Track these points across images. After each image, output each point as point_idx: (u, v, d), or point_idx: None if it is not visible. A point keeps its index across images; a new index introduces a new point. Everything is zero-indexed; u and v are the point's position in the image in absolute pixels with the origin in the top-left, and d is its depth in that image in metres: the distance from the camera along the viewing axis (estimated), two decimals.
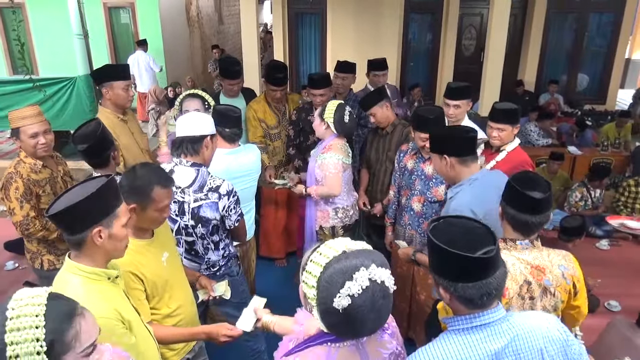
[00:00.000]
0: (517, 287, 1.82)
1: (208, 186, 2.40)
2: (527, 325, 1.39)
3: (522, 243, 1.88)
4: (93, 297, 1.55)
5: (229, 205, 2.42)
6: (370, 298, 1.18)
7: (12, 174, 2.75)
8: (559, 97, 8.66)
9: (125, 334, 1.61)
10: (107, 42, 9.68)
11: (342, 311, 1.18)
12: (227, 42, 13.66)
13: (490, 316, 1.37)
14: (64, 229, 1.55)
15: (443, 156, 2.35)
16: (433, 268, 1.42)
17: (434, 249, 1.36)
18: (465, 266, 1.32)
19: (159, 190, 1.92)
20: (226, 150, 2.89)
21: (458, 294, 1.35)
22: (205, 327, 2.12)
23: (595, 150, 6.63)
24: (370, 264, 1.19)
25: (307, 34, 8.81)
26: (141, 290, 1.93)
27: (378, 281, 1.19)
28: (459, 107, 3.31)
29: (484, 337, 1.36)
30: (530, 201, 1.81)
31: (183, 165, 2.41)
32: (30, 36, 9.53)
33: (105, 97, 3.13)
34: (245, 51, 6.45)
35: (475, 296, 1.34)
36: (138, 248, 1.96)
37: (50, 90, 6.28)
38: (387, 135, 3.55)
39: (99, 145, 2.55)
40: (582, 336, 2.57)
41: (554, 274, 1.87)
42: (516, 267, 1.83)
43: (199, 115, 2.47)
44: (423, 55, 9.23)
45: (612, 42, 8.98)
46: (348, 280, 1.17)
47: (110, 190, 1.57)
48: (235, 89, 4.14)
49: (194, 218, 2.42)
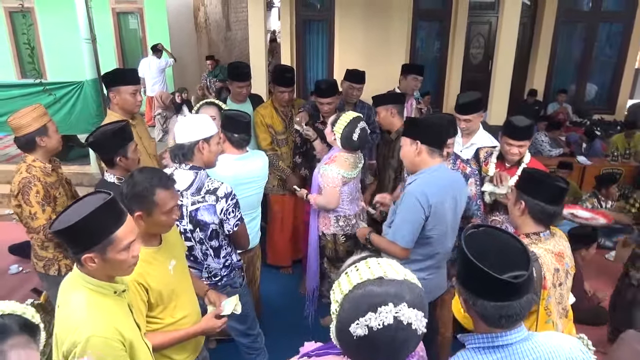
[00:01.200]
0: (552, 276, 1.90)
1: (205, 189, 2.37)
2: (549, 346, 1.35)
3: (544, 235, 1.98)
4: (95, 314, 1.51)
5: (227, 209, 2.38)
6: (389, 336, 1.09)
7: (29, 179, 2.72)
8: (567, 107, 8.61)
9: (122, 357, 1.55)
10: (115, 47, 9.72)
11: (356, 338, 1.11)
12: (234, 49, 13.70)
13: (513, 337, 1.33)
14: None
15: (415, 141, 2.44)
16: (458, 276, 1.38)
17: (463, 257, 1.32)
18: (489, 285, 1.27)
19: (161, 192, 1.87)
20: (235, 156, 2.86)
21: (477, 310, 1.32)
22: (199, 325, 2.08)
23: (604, 161, 6.57)
24: (402, 302, 1.09)
25: (314, 41, 8.81)
26: (143, 302, 1.89)
27: (404, 322, 1.09)
28: (470, 121, 3.27)
29: (506, 357, 1.31)
30: (558, 191, 1.95)
31: (182, 168, 2.39)
32: (39, 40, 9.58)
33: (112, 101, 3.11)
34: (253, 57, 6.45)
35: (494, 316, 1.30)
36: (144, 256, 1.90)
37: (58, 94, 6.28)
38: (392, 143, 3.52)
39: (103, 143, 2.52)
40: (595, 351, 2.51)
41: (568, 255, 2.02)
42: (547, 257, 1.90)
43: (191, 121, 2.42)
44: (431, 64, 9.20)
45: (621, 52, 8.92)
46: (372, 311, 1.09)
47: (103, 214, 1.46)
48: (244, 92, 4.11)
49: (192, 222, 2.38)
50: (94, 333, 1.46)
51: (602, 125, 8.36)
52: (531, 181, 1.99)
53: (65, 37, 8.77)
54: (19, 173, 2.78)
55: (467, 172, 2.88)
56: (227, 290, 2.59)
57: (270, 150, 4.02)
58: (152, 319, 1.96)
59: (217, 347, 3.39)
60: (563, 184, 1.98)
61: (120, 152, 2.53)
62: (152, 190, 1.85)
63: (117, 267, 1.55)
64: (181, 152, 2.36)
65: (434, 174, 2.43)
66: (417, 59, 8.83)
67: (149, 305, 1.93)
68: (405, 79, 4.64)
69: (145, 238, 1.93)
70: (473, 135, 3.38)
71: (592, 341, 2.60)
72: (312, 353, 1.31)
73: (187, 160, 2.38)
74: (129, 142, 2.58)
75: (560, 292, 1.98)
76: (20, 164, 2.83)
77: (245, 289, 2.76)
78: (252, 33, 6.27)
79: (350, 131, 3.06)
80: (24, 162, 2.82)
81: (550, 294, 1.91)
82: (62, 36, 8.99)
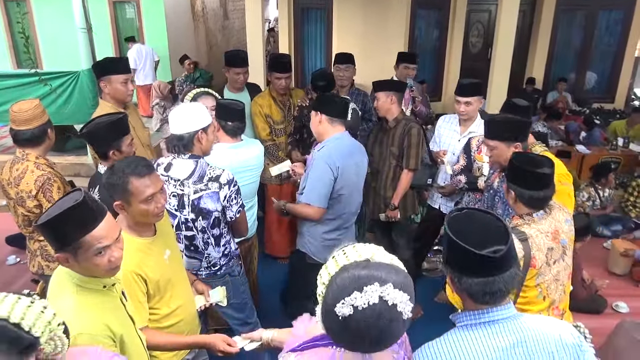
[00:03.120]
0: (544, 256, 2.00)
1: (208, 176, 2.36)
2: (539, 328, 1.37)
3: (537, 215, 2.06)
4: (82, 311, 1.49)
5: (230, 195, 2.38)
6: (374, 316, 1.09)
7: (47, 175, 2.66)
8: (567, 95, 8.57)
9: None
10: (111, 37, 9.65)
11: (341, 319, 1.11)
12: (232, 38, 13.61)
13: (499, 313, 1.36)
14: None
15: (317, 113, 2.80)
16: (444, 257, 1.44)
17: (447, 238, 1.37)
18: (471, 262, 1.32)
19: (135, 181, 1.82)
20: (229, 144, 2.84)
21: (462, 287, 1.36)
22: (203, 337, 2.06)
23: (603, 149, 6.55)
24: (388, 282, 1.10)
25: (312, 30, 8.74)
26: (143, 292, 1.88)
27: (389, 302, 1.10)
28: (470, 104, 3.26)
29: (492, 333, 1.35)
30: (543, 177, 2.01)
31: (181, 158, 2.37)
32: (35, 30, 9.49)
33: (104, 91, 3.07)
34: (250, 46, 6.39)
35: (479, 293, 1.34)
36: (140, 247, 1.91)
37: (54, 84, 6.24)
38: (390, 130, 3.51)
39: (96, 136, 2.44)
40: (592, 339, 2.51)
41: (565, 231, 2.08)
42: (539, 238, 2.00)
43: (188, 110, 2.38)
44: (430, 52, 9.14)
45: (621, 40, 8.87)
46: (357, 290, 1.09)
47: (70, 217, 1.39)
48: (241, 78, 4.05)
49: (194, 211, 2.37)
50: (81, 331, 1.43)
51: (602, 114, 8.34)
52: (516, 171, 2.09)
53: (61, 26, 8.70)
54: (29, 172, 2.66)
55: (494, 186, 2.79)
56: (226, 279, 2.58)
57: (270, 141, 3.99)
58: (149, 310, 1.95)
59: None
60: (547, 169, 2.03)
61: (114, 146, 2.43)
62: (126, 178, 1.81)
63: (92, 270, 1.50)
64: (181, 143, 2.34)
65: (337, 142, 2.77)
66: (416, 47, 8.77)
67: (147, 297, 1.92)
68: (398, 68, 4.63)
69: (137, 229, 1.91)
70: (471, 123, 3.36)
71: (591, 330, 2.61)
72: (299, 347, 1.30)
73: (187, 151, 2.36)
74: (124, 135, 2.48)
75: (557, 269, 2.07)
76: (23, 162, 2.69)
77: (243, 278, 2.75)
78: (249, 21, 6.21)
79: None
80: (26, 160, 2.69)
81: (543, 272, 2.02)
82: (57, 25, 8.92)
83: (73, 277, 1.51)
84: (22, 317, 1.11)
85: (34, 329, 1.12)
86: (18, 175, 2.69)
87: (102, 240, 1.46)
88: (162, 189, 1.92)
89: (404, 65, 4.62)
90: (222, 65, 4.15)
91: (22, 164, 2.70)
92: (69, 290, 1.51)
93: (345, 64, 4.23)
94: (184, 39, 10.33)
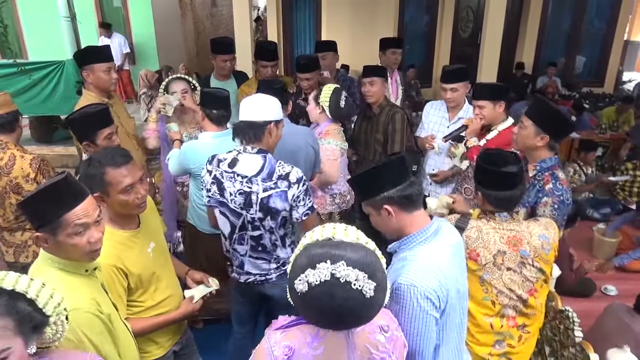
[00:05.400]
0: (491, 255, 1.95)
1: (277, 173, 2.19)
2: (450, 233, 1.70)
3: (500, 215, 2.01)
4: (69, 288, 1.47)
5: (298, 195, 2.20)
6: (327, 293, 1.14)
7: (40, 157, 2.78)
8: (557, 80, 8.58)
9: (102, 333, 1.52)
10: (97, 26, 9.49)
11: (300, 295, 1.18)
12: (220, 25, 13.46)
13: (430, 228, 1.61)
14: None
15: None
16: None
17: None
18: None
19: (111, 171, 1.78)
20: (213, 132, 2.79)
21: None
22: (179, 311, 2.06)
23: (592, 133, 6.58)
24: (341, 260, 1.14)
25: (301, 18, 8.67)
26: (123, 287, 1.84)
27: (342, 279, 1.13)
28: (456, 90, 3.24)
29: (436, 242, 1.60)
30: (508, 176, 1.94)
31: (248, 152, 2.21)
32: (19, 20, 9.33)
33: (87, 80, 3.02)
34: (238, 33, 6.32)
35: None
36: (122, 239, 1.87)
37: (39, 74, 6.14)
38: (374, 117, 3.50)
39: (77, 127, 2.47)
40: (580, 323, 2.53)
41: (532, 244, 1.97)
42: (490, 235, 1.95)
43: (263, 99, 2.24)
44: (420, 38, 9.10)
45: (611, 23, 8.87)
46: (310, 267, 1.16)
47: (50, 194, 1.41)
48: (228, 65, 4.00)
49: (262, 210, 2.21)
50: (74, 307, 1.41)
51: (591, 98, 8.36)
52: (481, 172, 2.03)
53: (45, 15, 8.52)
54: (18, 158, 2.71)
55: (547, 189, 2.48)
56: None
57: None
58: (132, 303, 1.93)
59: (204, 328, 3.39)
60: (513, 167, 1.94)
61: (88, 138, 2.45)
62: (102, 169, 1.78)
63: (71, 251, 1.49)
64: (252, 130, 2.18)
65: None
66: (406, 33, 8.73)
67: (129, 290, 1.89)
68: (385, 54, 4.54)
69: (120, 221, 1.88)
70: (459, 109, 3.35)
71: (580, 312, 2.63)
72: (284, 325, 1.32)
73: (256, 140, 2.20)
74: (100, 129, 2.45)
75: (511, 278, 1.98)
76: (5, 151, 2.72)
77: None
78: (237, 8, 6.13)
79: (337, 99, 3.04)
80: (7, 149, 2.73)
81: (489, 271, 1.96)
82: (42, 15, 8.74)
83: (54, 262, 1.50)
84: (37, 295, 1.17)
85: (46, 308, 1.18)
86: (5, 163, 2.71)
87: (82, 217, 1.46)
88: (141, 179, 1.88)
89: (392, 51, 4.53)
90: (209, 53, 4.10)
91: (5, 153, 2.72)
92: (52, 273, 1.50)
93: (322, 51, 4.24)
94: (172, 27, 10.20)
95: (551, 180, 2.32)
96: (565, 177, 2.38)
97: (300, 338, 1.26)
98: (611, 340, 2.54)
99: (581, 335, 2.51)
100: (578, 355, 2.47)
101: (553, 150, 2.38)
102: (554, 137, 2.35)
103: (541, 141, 2.31)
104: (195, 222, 3.04)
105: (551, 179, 2.33)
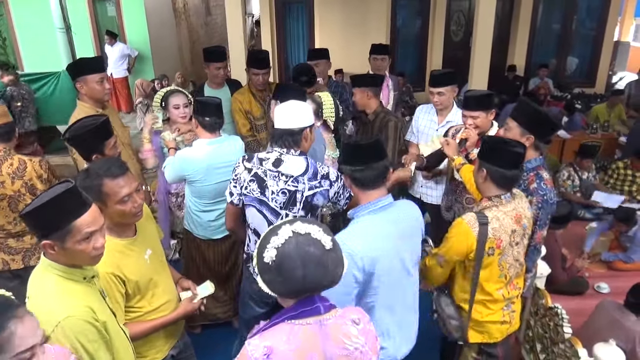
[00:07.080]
0: (508, 237, 2.12)
1: (320, 173, 2.34)
2: (406, 209, 2.02)
3: (505, 197, 2.14)
4: (66, 297, 1.51)
5: (337, 190, 2.39)
6: (294, 246, 1.29)
7: (44, 160, 2.99)
8: (548, 81, 8.65)
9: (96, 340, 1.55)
10: (92, 36, 9.54)
11: (272, 263, 1.29)
12: (214, 34, 13.51)
13: (384, 201, 1.92)
14: None
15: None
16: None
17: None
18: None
19: (108, 182, 1.82)
20: (207, 140, 2.84)
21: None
22: (177, 311, 2.10)
23: (584, 133, 6.64)
24: (296, 222, 1.33)
25: (294, 24, 8.73)
26: (121, 293, 1.88)
27: (302, 232, 1.31)
28: (443, 94, 3.29)
29: (382, 215, 1.90)
30: (515, 155, 2.09)
31: (291, 154, 2.30)
32: (14, 32, 9.38)
33: (81, 92, 3.05)
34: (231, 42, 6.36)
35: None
36: (119, 247, 1.90)
37: (35, 85, 6.19)
38: (369, 124, 3.56)
39: (80, 142, 2.43)
40: (569, 319, 2.58)
41: (527, 217, 2.21)
42: (506, 220, 2.11)
43: (298, 107, 2.33)
44: (412, 42, 9.17)
45: (601, 24, 8.96)
46: (274, 235, 1.31)
47: (61, 202, 1.45)
48: (221, 73, 4.05)
49: (305, 207, 2.32)
50: (68, 314, 1.46)
51: (583, 99, 8.43)
52: (490, 150, 2.15)
53: (40, 27, 8.59)
54: (28, 161, 2.88)
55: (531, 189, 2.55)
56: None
57: (251, 137, 3.99)
58: (131, 308, 1.96)
59: (202, 333, 3.41)
60: (520, 148, 2.11)
61: (97, 150, 2.42)
62: (99, 180, 1.81)
63: (77, 257, 1.54)
64: (291, 137, 2.29)
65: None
66: (397, 38, 8.80)
67: (127, 296, 1.92)
68: (373, 60, 4.63)
69: (117, 229, 1.91)
70: (447, 112, 3.39)
71: (571, 310, 2.68)
72: (260, 329, 1.37)
73: (295, 146, 2.30)
74: (106, 140, 2.46)
75: (518, 250, 2.21)
76: (10, 158, 2.88)
77: None
78: (230, 16, 6.17)
79: (337, 112, 3.19)
80: (11, 156, 2.88)
81: (506, 252, 2.14)
82: (37, 26, 8.81)
83: (54, 269, 1.54)
84: None
85: None
86: (15, 169, 2.84)
87: (91, 225, 1.52)
88: (137, 188, 1.92)
89: (373, 57, 4.63)
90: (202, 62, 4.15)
91: (10, 160, 2.86)
92: (52, 280, 1.54)
93: (316, 59, 4.30)
94: (166, 36, 10.25)
95: (536, 180, 2.43)
96: (549, 177, 2.46)
97: (277, 337, 1.32)
98: (603, 336, 2.59)
99: (570, 332, 2.56)
100: (567, 351, 2.51)
101: (538, 150, 2.46)
102: (538, 137, 2.44)
103: (527, 142, 2.37)
104: (192, 228, 3.08)
105: (536, 178, 2.43)
